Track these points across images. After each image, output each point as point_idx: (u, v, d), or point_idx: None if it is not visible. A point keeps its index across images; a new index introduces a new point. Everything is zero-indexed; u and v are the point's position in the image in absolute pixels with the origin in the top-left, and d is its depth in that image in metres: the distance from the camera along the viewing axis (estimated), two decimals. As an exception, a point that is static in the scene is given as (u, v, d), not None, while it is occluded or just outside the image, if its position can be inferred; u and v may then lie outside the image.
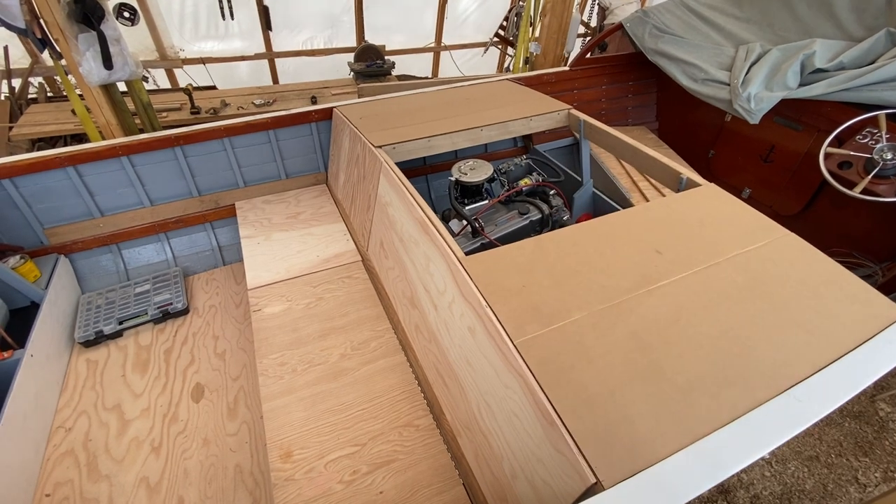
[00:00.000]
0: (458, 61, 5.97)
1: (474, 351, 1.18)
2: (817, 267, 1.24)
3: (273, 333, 1.69)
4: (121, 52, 2.46)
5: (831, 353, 1.03)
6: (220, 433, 1.68)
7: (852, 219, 2.49)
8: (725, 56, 2.62)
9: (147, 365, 1.93)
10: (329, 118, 2.44)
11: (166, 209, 2.32)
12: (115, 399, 1.81)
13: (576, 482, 0.87)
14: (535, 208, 2.03)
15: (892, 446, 2.35)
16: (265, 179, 2.48)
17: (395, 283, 1.70)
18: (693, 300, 1.13)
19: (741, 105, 2.39)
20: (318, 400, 1.47)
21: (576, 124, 2.14)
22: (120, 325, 2.05)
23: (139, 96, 2.77)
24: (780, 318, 1.10)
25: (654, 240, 1.31)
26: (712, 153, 3.19)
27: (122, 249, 2.32)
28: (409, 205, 1.53)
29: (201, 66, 4.86)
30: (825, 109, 2.43)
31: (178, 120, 3.80)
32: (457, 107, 2.25)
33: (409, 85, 3.33)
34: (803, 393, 0.96)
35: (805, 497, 2.16)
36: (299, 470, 1.30)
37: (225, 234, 2.49)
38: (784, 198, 2.78)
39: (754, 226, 1.36)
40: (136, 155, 2.15)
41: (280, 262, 2.02)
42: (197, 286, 2.34)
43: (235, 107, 4.08)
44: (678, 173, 1.61)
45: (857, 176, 2.17)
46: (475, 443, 1.21)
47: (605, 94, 3.29)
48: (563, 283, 1.18)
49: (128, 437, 1.68)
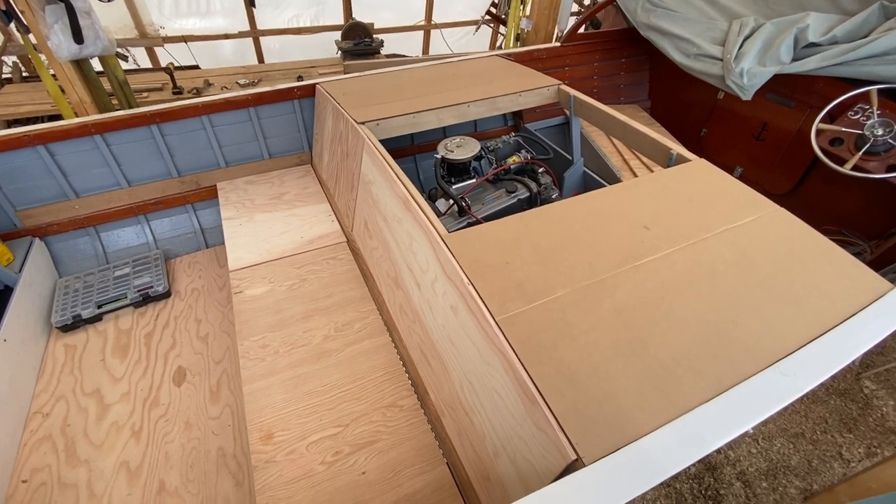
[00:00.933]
0: (449, 40, 5.84)
1: (457, 329, 1.16)
2: (806, 242, 1.21)
3: (255, 315, 1.65)
4: (92, 26, 2.36)
5: (818, 328, 1.02)
6: (202, 416, 1.65)
7: (843, 196, 2.48)
8: (718, 30, 2.56)
9: (127, 349, 1.89)
10: (312, 95, 2.36)
11: (145, 190, 2.25)
12: (95, 384, 1.78)
13: (556, 459, 0.85)
14: (523, 186, 1.99)
15: (875, 423, 2.38)
16: (247, 159, 2.41)
17: (380, 264, 1.66)
18: (680, 276, 1.11)
19: (734, 81, 2.34)
20: (301, 381, 1.45)
21: (566, 100, 2.08)
22: (99, 308, 2.00)
23: (114, 73, 2.67)
24: (768, 292, 1.08)
25: (642, 215, 1.28)
26: (704, 131, 3.15)
27: (100, 232, 2.25)
28: (391, 182, 1.48)
29: (183, 45, 4.71)
30: (818, 85, 2.39)
31: (159, 100, 3.69)
32: (444, 83, 2.19)
33: (397, 63, 3.25)
34: (789, 367, 0.95)
35: (790, 473, 2.19)
36: (280, 452, 1.28)
37: (207, 215, 2.43)
38: (775, 176, 2.76)
39: (744, 201, 1.34)
40: (111, 133, 2.08)
41: (263, 243, 1.97)
42: (179, 269, 2.29)
43: (219, 86, 3.97)
44: (668, 149, 1.57)
45: (848, 153, 2.14)
46: (458, 422, 1.20)
47: (597, 71, 3.22)
48: (548, 260, 1.15)
49: (107, 422, 1.65)
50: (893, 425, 2.36)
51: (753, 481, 2.14)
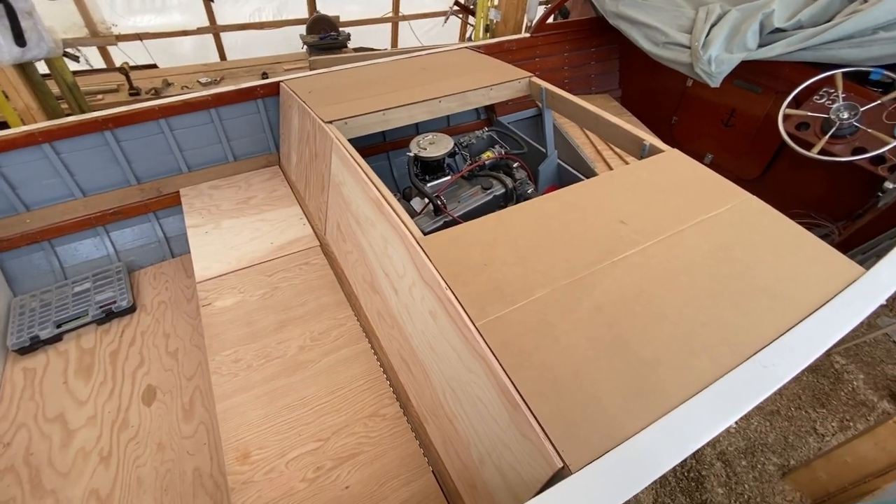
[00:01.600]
0: (417, 32, 5.74)
1: (436, 335, 1.12)
2: (779, 229, 1.22)
3: (225, 328, 1.58)
4: (35, 27, 2.20)
5: (795, 316, 1.02)
6: (175, 436, 1.58)
7: (810, 179, 2.54)
8: (686, 18, 2.57)
9: (91, 370, 1.80)
10: (277, 94, 2.27)
11: (102, 200, 2.13)
12: (58, 408, 1.68)
13: (542, 467, 0.83)
14: (498, 182, 1.96)
15: (847, 396, 2.47)
16: (211, 163, 2.31)
17: (355, 268, 1.61)
18: (658, 270, 1.10)
19: (702, 68, 2.36)
20: (277, 396, 1.39)
21: (538, 93, 2.06)
22: (58, 328, 1.89)
23: (62, 76, 2.51)
24: (745, 283, 1.08)
25: (617, 209, 1.27)
26: (675, 119, 3.18)
27: (55, 246, 2.12)
28: (362, 183, 1.43)
29: (139, 43, 4.49)
30: (784, 70, 2.43)
31: (115, 102, 3.50)
32: (413, 77, 2.13)
33: (365, 57, 3.16)
34: (768, 358, 0.95)
35: (768, 450, 2.25)
36: (258, 471, 1.23)
37: (171, 223, 2.32)
38: (745, 161, 2.81)
39: (716, 190, 1.34)
40: (60, 141, 1.95)
41: (231, 251, 1.89)
42: (144, 281, 2.18)
43: (179, 86, 3.79)
44: (641, 140, 1.57)
45: (815, 136, 2.19)
46: (442, 429, 1.17)
47: (567, 61, 3.21)
48: (527, 260, 1.12)
49: (73, 449, 1.57)
50: (864, 398, 2.45)
51: (733, 460, 2.19)
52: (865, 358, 2.66)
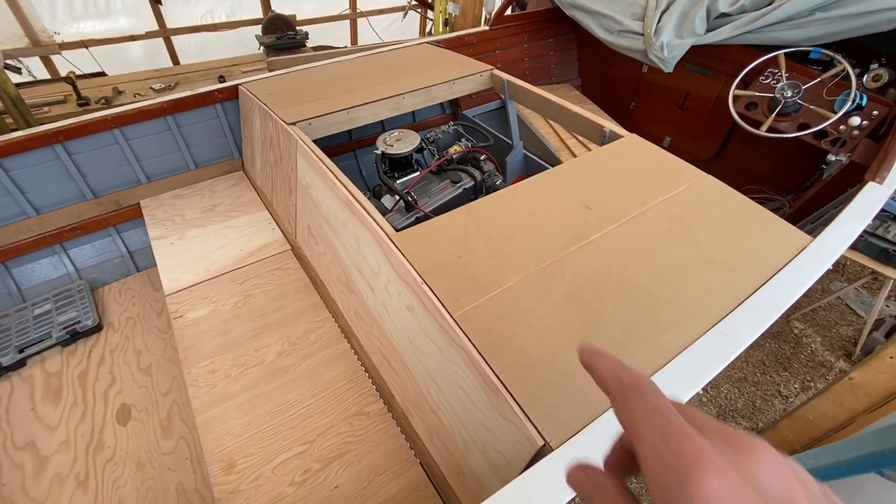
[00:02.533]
0: (377, 28, 5.69)
1: (415, 329, 1.14)
2: (733, 205, 1.29)
3: (199, 340, 1.55)
4: (-31, 38, 2.08)
5: (751, 286, 1.09)
6: (154, 454, 1.54)
7: (761, 157, 2.67)
8: (638, 6, 2.65)
9: (60, 393, 1.73)
10: (236, 97, 2.22)
11: (57, 217, 2.04)
12: (27, 436, 1.61)
13: (525, 447, 0.86)
14: (467, 175, 1.98)
15: (806, 359, 2.62)
16: (172, 172, 2.24)
17: (329, 269, 1.60)
18: (623, 252, 1.15)
19: (655, 54, 2.44)
20: (258, 403, 1.38)
21: (500, 85, 2.08)
22: (20, 353, 1.80)
23: (5, 90, 2.38)
24: (705, 259, 1.14)
25: (582, 195, 1.31)
26: (633, 105, 3.28)
27: (10, 268, 2.02)
28: (331, 184, 1.42)
29: (84, 51, 4.28)
30: (731, 53, 2.53)
31: (63, 114, 3.33)
32: (376, 75, 2.12)
33: (325, 56, 3.12)
34: (728, 327, 1.01)
35: (738, 415, 2.37)
36: (245, 480, 1.22)
37: (133, 237, 2.24)
38: (700, 143, 2.92)
39: (674, 171, 1.40)
40: (7, 158, 1.85)
41: (199, 261, 1.84)
42: (109, 298, 2.10)
43: (131, 94, 3.64)
44: (601, 127, 1.62)
45: (763, 115, 2.30)
46: (427, 421, 1.19)
47: (527, 52, 3.25)
48: (498, 250, 1.15)
49: (48, 476, 1.51)
50: (822, 359, 2.61)
51: (707, 428, 2.29)
52: (821, 322, 2.83)
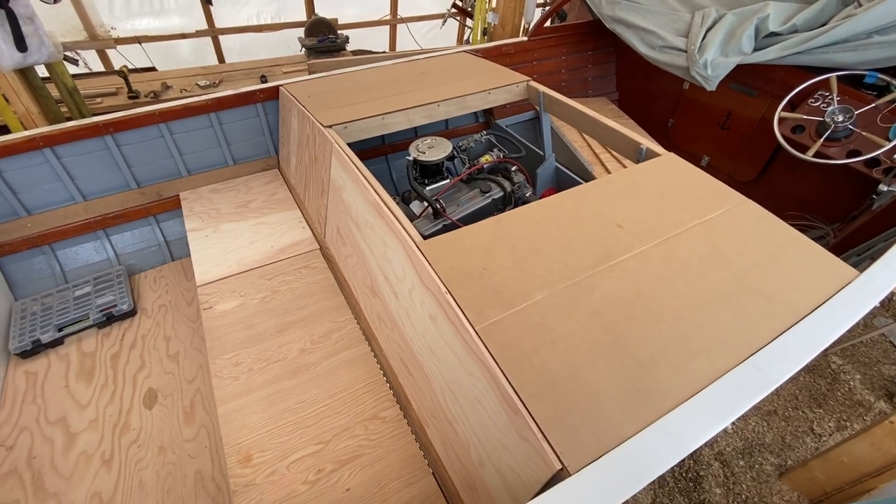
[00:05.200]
0: (416, 34, 5.76)
1: (436, 339, 1.13)
2: (774, 233, 1.24)
3: (226, 332, 1.59)
4: (36, 32, 2.21)
5: (789, 319, 1.04)
6: (176, 439, 1.59)
7: (805, 182, 2.56)
8: (682, 22, 2.59)
9: (92, 373, 1.80)
10: (276, 98, 2.28)
11: (103, 204, 2.14)
12: (60, 412, 1.69)
13: (542, 469, 0.84)
14: (497, 186, 1.98)
15: (843, 397, 2.48)
16: (211, 167, 2.32)
17: (355, 271, 1.62)
18: (655, 273, 1.11)
19: (698, 72, 2.38)
20: (278, 399, 1.40)
21: (535, 97, 2.07)
22: (59, 332, 1.89)
23: (62, 81, 2.52)
24: (741, 286, 1.10)
25: (615, 213, 1.28)
26: (671, 122, 3.20)
27: (55, 250, 2.13)
28: (362, 188, 1.44)
29: (137, 46, 4.50)
30: (779, 74, 2.45)
31: (114, 106, 3.51)
32: (412, 81, 2.15)
33: (363, 59, 3.18)
34: (763, 360, 0.96)
35: (765, 450, 2.27)
36: (260, 474, 1.24)
37: (171, 227, 2.33)
38: (741, 164, 2.83)
39: (713, 194, 1.35)
40: (61, 146, 1.96)
41: (231, 254, 1.90)
42: (144, 285, 2.19)
43: (178, 89, 3.80)
44: (637, 144, 1.58)
45: (810, 139, 2.21)
46: (442, 432, 1.18)
47: (564, 64, 3.23)
48: (525, 264, 1.14)
49: (75, 452, 1.57)
50: (861, 398, 2.47)
51: (731, 460, 2.20)
52: (862, 358, 2.67)
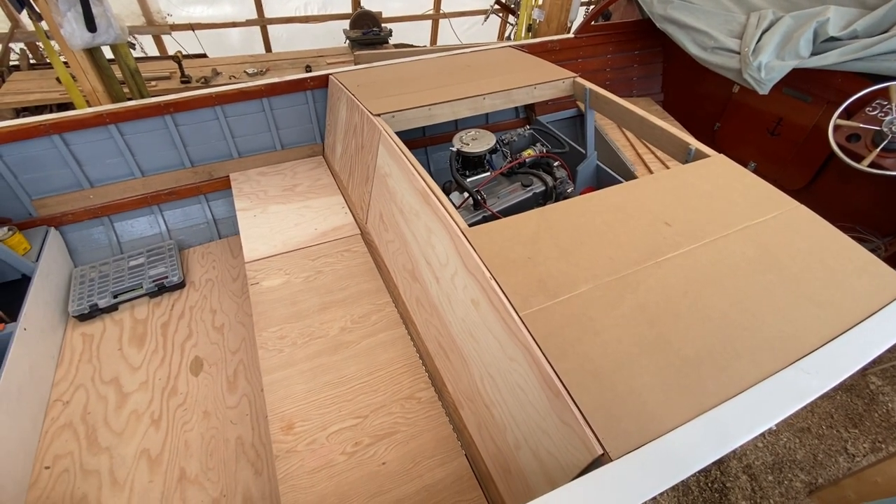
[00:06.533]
0: (457, 30, 5.79)
1: (478, 324, 1.16)
2: (827, 239, 1.21)
3: (272, 307, 1.66)
4: (104, 14, 2.34)
5: (839, 326, 1.02)
6: (220, 406, 1.68)
7: (857, 193, 2.46)
8: (736, 23, 2.53)
9: (144, 339, 1.91)
10: (325, 86, 2.35)
11: (158, 180, 2.26)
12: (113, 372, 1.80)
13: (582, 453, 0.86)
14: (538, 180, 1.98)
15: (881, 418, 2.39)
16: (260, 150, 2.41)
17: (396, 257, 1.66)
18: (702, 273, 1.11)
19: (751, 74, 2.32)
20: (319, 373, 1.46)
21: (581, 93, 2.07)
22: (115, 298, 2.01)
23: (126, 62, 2.65)
24: (790, 290, 1.08)
25: (662, 211, 1.28)
26: (718, 126, 3.13)
27: (114, 222, 2.26)
28: (409, 175, 1.48)
29: (190, 33, 4.68)
30: (836, 80, 2.36)
31: (167, 89, 3.68)
32: (457, 74, 2.18)
33: (406, 53, 3.22)
34: (811, 365, 0.95)
35: (796, 467, 2.21)
36: (301, 442, 1.30)
37: (220, 206, 2.43)
38: (789, 172, 2.74)
39: (764, 197, 1.33)
40: (125, 123, 2.07)
41: (277, 235, 1.98)
42: (193, 260, 2.30)
43: (227, 76, 3.94)
44: (686, 144, 1.57)
45: (865, 149, 2.13)
46: (478, 414, 1.21)
47: (610, 63, 3.19)
48: (570, 255, 1.15)
49: (127, 410, 1.68)
50: (900, 421, 2.38)
51: (759, 475, 2.16)
52: (904, 380, 2.57)
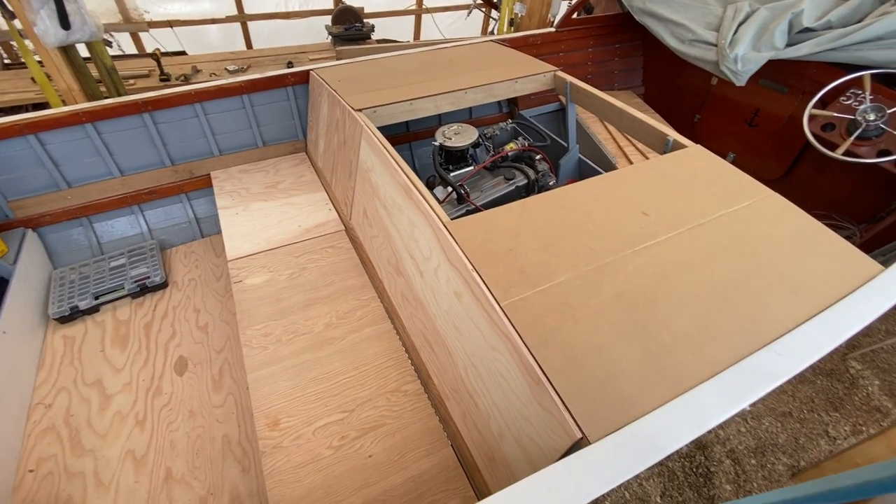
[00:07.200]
0: (440, 25, 5.77)
1: (461, 315, 1.17)
2: (800, 226, 1.24)
3: (255, 304, 1.66)
4: (78, 11, 2.29)
5: (811, 309, 1.05)
6: (205, 405, 1.67)
7: (833, 181, 2.52)
8: (713, 15, 2.56)
9: (126, 340, 1.89)
10: (306, 82, 2.33)
11: (138, 180, 2.22)
12: (96, 374, 1.78)
13: (562, 438, 0.88)
14: (520, 174, 2.00)
15: (861, 401, 2.46)
16: (241, 147, 2.39)
17: (380, 252, 1.67)
18: (679, 260, 1.13)
19: (728, 66, 2.36)
20: (305, 369, 1.46)
21: (562, 87, 2.08)
22: (96, 299, 1.99)
23: (102, 60, 2.60)
24: (764, 276, 1.11)
25: (640, 201, 1.30)
26: (697, 118, 3.17)
27: (93, 222, 2.23)
28: (392, 170, 1.48)
29: (169, 31, 4.60)
30: (810, 70, 2.41)
31: (146, 87, 3.61)
32: (439, 69, 2.18)
33: (389, 48, 3.21)
34: (784, 347, 0.98)
35: (778, 450, 2.26)
36: (287, 437, 1.30)
37: (201, 205, 2.40)
38: (767, 162, 2.79)
39: (739, 186, 1.36)
40: (102, 122, 2.04)
41: (260, 232, 1.96)
42: (175, 259, 2.27)
43: (207, 73, 3.89)
44: (664, 135, 1.59)
45: (840, 138, 2.18)
46: (463, 405, 1.22)
47: (591, 57, 3.21)
48: (550, 246, 1.17)
49: (111, 412, 1.66)
50: (878, 404, 2.44)
51: (743, 459, 2.20)
52: (882, 364, 2.64)
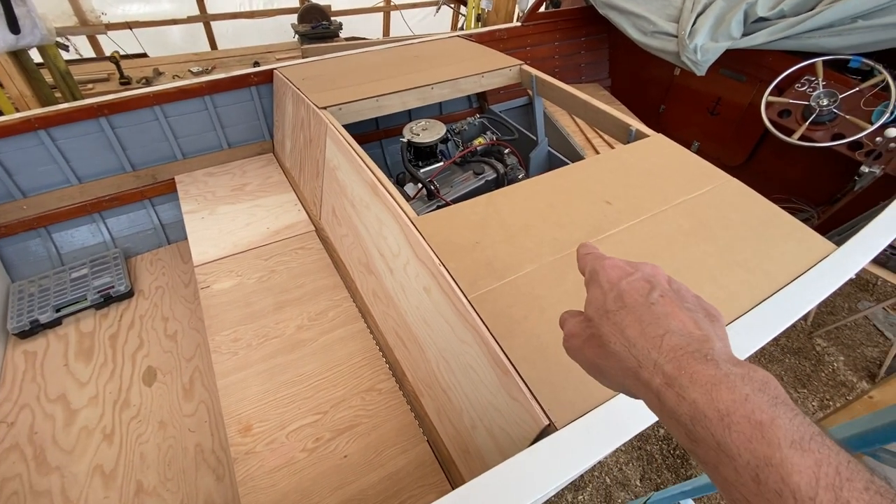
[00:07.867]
0: (410, 22, 5.74)
1: (430, 310, 1.17)
2: (757, 209, 1.28)
3: (224, 310, 1.62)
4: (28, 15, 2.20)
5: (768, 289, 1.08)
6: (176, 415, 1.63)
7: (791, 166, 2.61)
8: (673, 7, 2.62)
9: (91, 352, 1.83)
10: (270, 81, 2.29)
11: (98, 187, 2.15)
12: (60, 389, 1.71)
13: (530, 425, 0.89)
14: (490, 168, 2.01)
15: (827, 377, 2.56)
16: (206, 150, 2.33)
17: (350, 251, 1.65)
18: (641, 247, 1.16)
19: (688, 57, 2.41)
20: (276, 372, 1.44)
21: (528, 80, 2.10)
22: (57, 312, 1.91)
23: (55, 64, 2.50)
24: (723, 259, 1.14)
25: (604, 191, 1.32)
26: (663, 108, 3.24)
27: (51, 233, 2.14)
28: (357, 168, 1.47)
29: (128, 32, 4.45)
30: (767, 59, 2.49)
31: (105, 91, 3.45)
32: (406, 65, 2.16)
33: (357, 46, 3.17)
34: (742, 327, 1.01)
35: (750, 427, 2.33)
36: (260, 442, 1.28)
37: (166, 210, 2.34)
38: (730, 149, 2.87)
39: (699, 172, 1.39)
40: (56, 128, 1.96)
41: (227, 236, 1.92)
42: (141, 267, 2.20)
43: (170, 75, 3.78)
44: (627, 126, 1.62)
45: (796, 123, 2.26)
46: (436, 400, 1.22)
47: (557, 50, 3.24)
48: (516, 238, 1.17)
49: (76, 427, 1.60)
50: (844, 379, 2.55)
51: (717, 438, 2.27)
52: (846, 341, 2.75)
